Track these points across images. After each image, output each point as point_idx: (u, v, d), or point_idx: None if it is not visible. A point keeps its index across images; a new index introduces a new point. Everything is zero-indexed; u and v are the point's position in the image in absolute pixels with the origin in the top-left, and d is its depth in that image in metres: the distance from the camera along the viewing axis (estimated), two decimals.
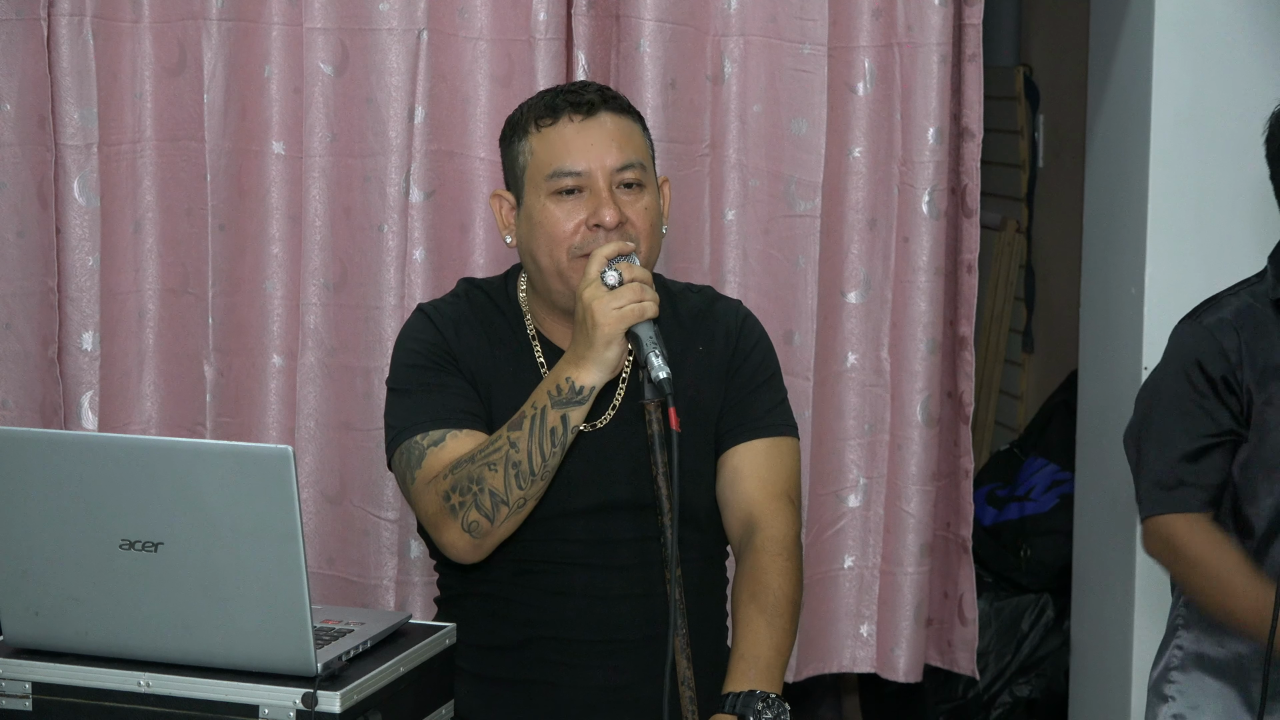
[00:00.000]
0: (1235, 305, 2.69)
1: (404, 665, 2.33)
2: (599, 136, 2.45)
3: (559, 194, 2.44)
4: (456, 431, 2.44)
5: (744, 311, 2.68)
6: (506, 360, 2.53)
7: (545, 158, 2.45)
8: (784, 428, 2.59)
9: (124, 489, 2.19)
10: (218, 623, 2.20)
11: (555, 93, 2.53)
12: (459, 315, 2.56)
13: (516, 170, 2.50)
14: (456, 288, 2.66)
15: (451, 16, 3.25)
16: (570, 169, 2.44)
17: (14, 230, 3.20)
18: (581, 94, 2.48)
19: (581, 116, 2.45)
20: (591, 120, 2.46)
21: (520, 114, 2.54)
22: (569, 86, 2.54)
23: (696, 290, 2.69)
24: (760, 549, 2.47)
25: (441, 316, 2.56)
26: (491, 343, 2.54)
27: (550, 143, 2.45)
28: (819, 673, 3.58)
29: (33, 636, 2.28)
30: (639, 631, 2.51)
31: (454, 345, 2.52)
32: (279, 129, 3.25)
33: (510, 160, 2.54)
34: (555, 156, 2.45)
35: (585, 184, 2.44)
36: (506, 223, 2.55)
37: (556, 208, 2.44)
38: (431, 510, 2.41)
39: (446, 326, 2.54)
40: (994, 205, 5.33)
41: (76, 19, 3.13)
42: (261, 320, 3.29)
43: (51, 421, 3.21)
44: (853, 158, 3.40)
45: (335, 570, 3.32)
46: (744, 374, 2.59)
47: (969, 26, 3.41)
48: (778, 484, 2.54)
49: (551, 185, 2.45)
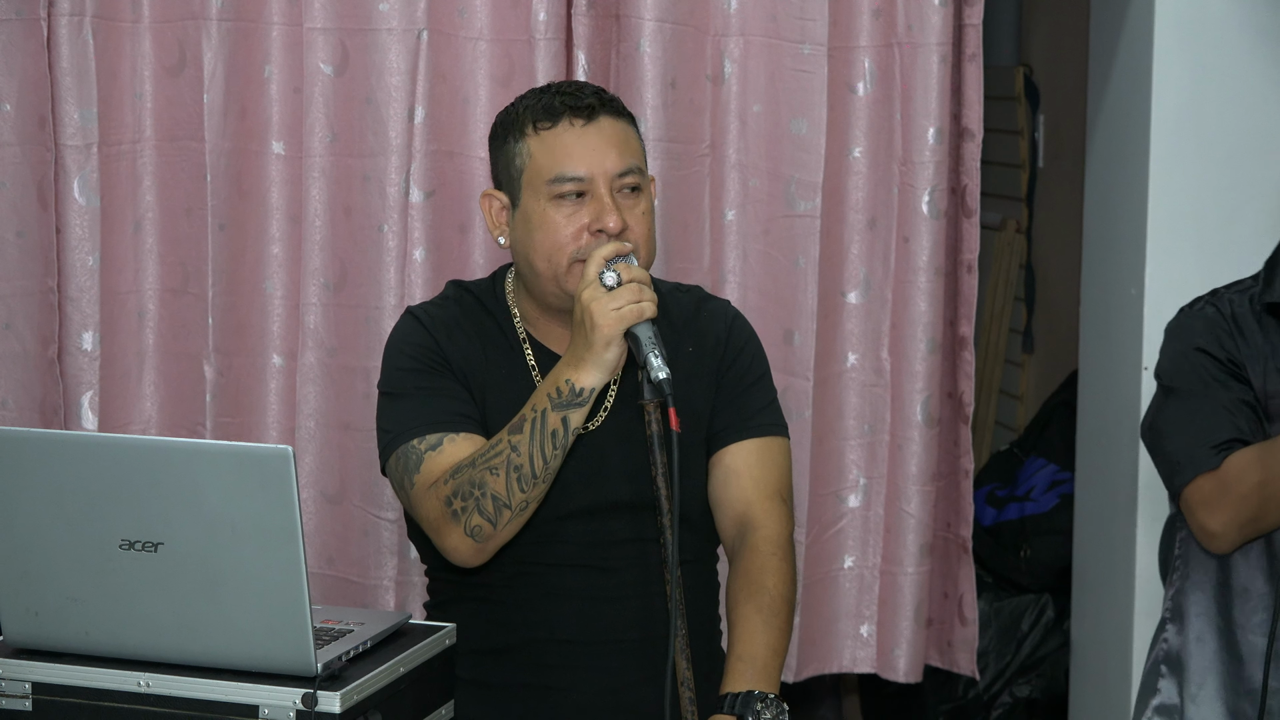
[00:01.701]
0: (1225, 303, 2.69)
1: (404, 665, 2.33)
2: (599, 141, 2.44)
3: (560, 199, 2.43)
4: (454, 435, 2.43)
5: (733, 312, 2.68)
6: (497, 363, 2.53)
7: (546, 162, 2.44)
8: (775, 427, 2.59)
9: (124, 489, 2.18)
10: (218, 623, 2.20)
11: (551, 94, 2.50)
12: (450, 318, 2.55)
13: (512, 171, 2.49)
14: (445, 290, 2.64)
15: (451, 16, 3.25)
16: (572, 174, 2.43)
17: (14, 230, 3.19)
18: (580, 97, 2.47)
19: (583, 121, 2.45)
20: (592, 125, 2.45)
21: (514, 114, 2.51)
22: (564, 87, 2.51)
23: (685, 290, 2.69)
24: (755, 549, 2.47)
25: (432, 319, 2.55)
26: (483, 345, 2.54)
27: (550, 147, 2.44)
28: (819, 673, 3.58)
29: (32, 636, 2.28)
30: (636, 633, 2.51)
31: (446, 348, 2.51)
32: (279, 129, 3.25)
33: (504, 160, 2.51)
34: (556, 161, 2.43)
35: (587, 189, 2.43)
36: (498, 223, 2.53)
37: (557, 212, 2.43)
38: (433, 516, 2.40)
39: (438, 329, 2.53)
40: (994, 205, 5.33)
41: (76, 19, 3.13)
42: (261, 320, 3.29)
43: (51, 422, 3.20)
44: (853, 158, 3.40)
45: (335, 570, 3.32)
46: (735, 374, 2.59)
47: (969, 26, 3.41)
48: (771, 484, 2.54)
49: (553, 190, 2.43)
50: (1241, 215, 3.45)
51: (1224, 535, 2.63)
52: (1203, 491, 2.63)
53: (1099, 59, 3.73)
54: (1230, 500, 2.60)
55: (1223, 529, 2.62)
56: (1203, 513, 2.63)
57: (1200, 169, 3.45)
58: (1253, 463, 2.58)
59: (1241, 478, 2.59)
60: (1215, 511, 2.62)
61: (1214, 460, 2.61)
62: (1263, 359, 2.65)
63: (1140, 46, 3.49)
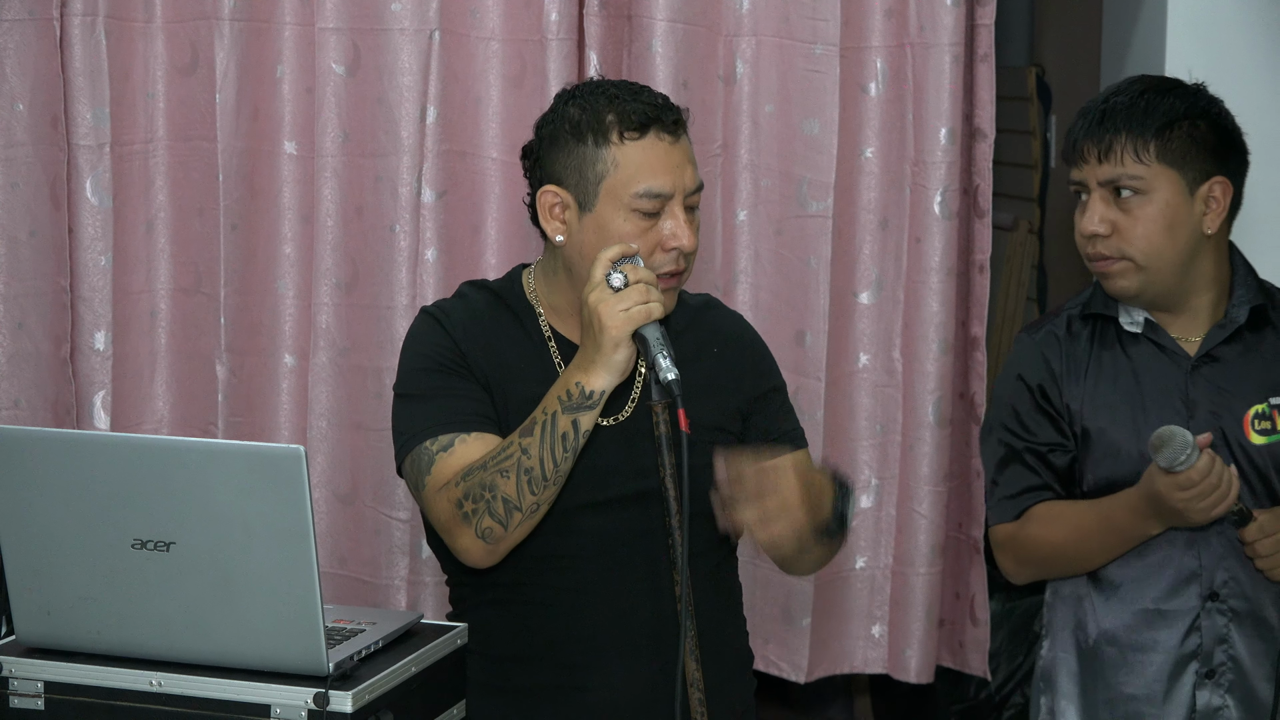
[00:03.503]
0: (1062, 318, 2.68)
1: (416, 665, 2.33)
2: (682, 159, 2.43)
3: (640, 212, 2.42)
4: (465, 436, 2.43)
5: (747, 323, 2.68)
6: (519, 358, 2.52)
7: (632, 173, 2.40)
8: (800, 439, 2.59)
9: (136, 489, 2.19)
10: (229, 622, 2.20)
11: (637, 101, 2.44)
12: (467, 315, 2.54)
13: (588, 174, 2.42)
14: (460, 289, 2.61)
15: (463, 17, 3.25)
16: (660, 191, 2.40)
17: (27, 230, 3.20)
18: (666, 112, 2.43)
19: (671, 139, 2.43)
20: (678, 142, 2.44)
21: (594, 117, 2.43)
22: (650, 98, 2.45)
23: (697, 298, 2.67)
24: None
25: (449, 317, 2.53)
26: (502, 341, 2.53)
27: (637, 161, 2.40)
28: (831, 673, 3.58)
29: (45, 636, 2.29)
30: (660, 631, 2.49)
31: (464, 346, 2.49)
32: (291, 129, 3.25)
33: (578, 162, 2.43)
34: (644, 176, 2.40)
35: (664, 206, 2.43)
36: (560, 219, 2.49)
37: (635, 226, 2.42)
38: (444, 517, 2.40)
39: (455, 328, 2.51)
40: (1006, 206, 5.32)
41: (89, 19, 3.14)
42: (273, 320, 3.29)
43: (64, 421, 3.21)
44: (865, 158, 3.40)
45: (347, 570, 3.33)
46: (761, 388, 2.59)
47: (981, 27, 3.41)
48: None
49: (638, 204, 2.40)
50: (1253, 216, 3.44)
51: (1018, 578, 2.71)
52: (997, 537, 2.70)
53: (1111, 59, 3.72)
54: (1023, 554, 2.67)
55: (1015, 573, 2.70)
56: (999, 555, 2.70)
57: None
58: (1051, 523, 2.61)
59: (1037, 538, 2.63)
60: (1006, 558, 2.69)
61: (1012, 512, 2.65)
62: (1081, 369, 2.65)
63: (1152, 47, 3.49)
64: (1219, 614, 2.57)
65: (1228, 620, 2.57)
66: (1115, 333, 2.62)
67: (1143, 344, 2.60)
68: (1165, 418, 2.52)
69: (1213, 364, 2.58)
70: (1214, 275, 2.61)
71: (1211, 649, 2.57)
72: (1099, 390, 2.60)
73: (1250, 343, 2.60)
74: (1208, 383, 2.58)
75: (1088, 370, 2.62)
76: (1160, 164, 2.51)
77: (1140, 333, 2.60)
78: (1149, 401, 2.57)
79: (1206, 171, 2.55)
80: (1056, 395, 2.62)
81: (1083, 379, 2.61)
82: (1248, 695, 2.58)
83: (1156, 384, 2.58)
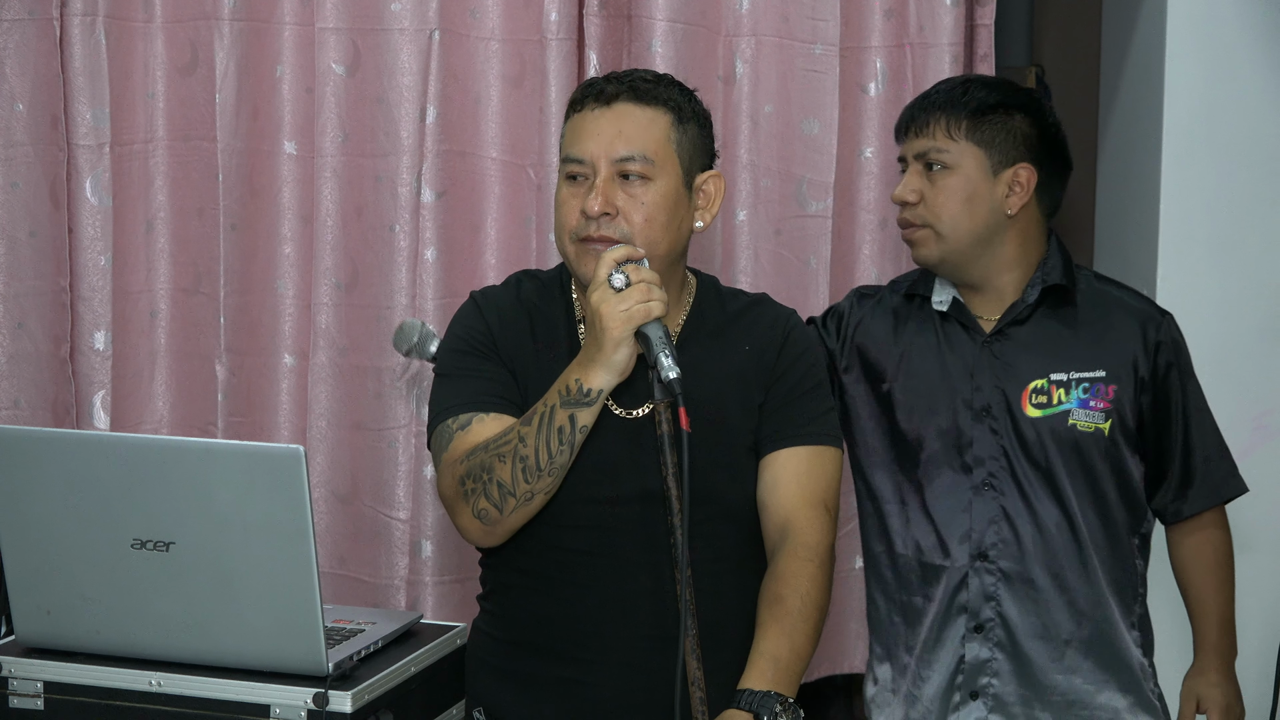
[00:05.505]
0: (892, 295, 2.85)
1: (415, 665, 2.33)
2: (607, 126, 2.46)
3: (569, 179, 2.47)
4: (483, 415, 2.45)
5: (796, 320, 2.66)
6: (549, 348, 2.53)
7: (564, 143, 2.50)
8: (827, 437, 2.57)
9: (136, 488, 2.19)
10: (229, 622, 2.20)
11: (594, 79, 2.54)
12: (505, 303, 2.57)
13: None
14: (510, 277, 2.66)
15: (463, 16, 3.25)
16: (575, 156, 2.46)
17: (26, 230, 3.20)
18: (607, 83, 2.50)
19: (601, 106, 2.48)
20: (607, 109, 2.47)
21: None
22: (613, 74, 2.54)
23: (749, 295, 2.68)
24: (791, 554, 2.46)
25: (488, 302, 2.58)
26: (535, 332, 2.54)
27: (571, 129, 2.50)
28: (830, 674, 3.57)
29: (44, 635, 2.29)
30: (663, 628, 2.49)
31: (496, 330, 2.53)
32: (291, 129, 3.25)
33: None
34: (568, 143, 2.49)
35: (588, 172, 2.45)
36: None
37: (564, 192, 2.47)
38: (449, 494, 2.42)
39: (491, 313, 2.55)
40: None
41: (89, 19, 3.14)
42: (273, 320, 3.29)
43: (64, 421, 3.21)
44: (864, 158, 3.40)
45: (346, 570, 3.33)
46: (789, 380, 2.58)
47: (980, 27, 3.41)
48: (816, 492, 2.52)
49: (564, 170, 2.49)
50: (1253, 216, 3.44)
51: None
52: None
53: (1111, 59, 3.72)
54: None
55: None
56: None
57: (1212, 169, 3.44)
58: None
59: None
60: None
61: None
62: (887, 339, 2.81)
63: (1152, 47, 3.49)
64: (987, 573, 2.73)
65: (996, 580, 2.73)
66: (929, 310, 2.80)
67: (950, 321, 2.77)
68: (957, 388, 2.73)
69: (1003, 340, 2.74)
70: (1017, 257, 2.76)
71: (979, 605, 2.74)
72: (911, 358, 2.78)
73: (1044, 323, 2.75)
74: (995, 358, 2.74)
75: (898, 339, 2.80)
76: (969, 142, 2.69)
77: (947, 311, 2.77)
78: (948, 371, 2.75)
79: (1014, 157, 2.71)
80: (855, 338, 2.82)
81: (893, 346, 2.79)
82: (1016, 650, 2.74)
83: (957, 357, 2.75)
